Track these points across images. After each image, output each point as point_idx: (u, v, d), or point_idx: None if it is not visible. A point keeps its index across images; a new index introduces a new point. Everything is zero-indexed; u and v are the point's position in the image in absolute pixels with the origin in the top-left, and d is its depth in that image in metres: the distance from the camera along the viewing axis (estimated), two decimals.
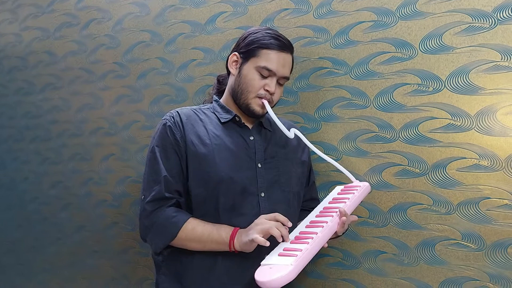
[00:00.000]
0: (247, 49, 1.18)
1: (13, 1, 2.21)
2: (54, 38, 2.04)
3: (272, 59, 1.15)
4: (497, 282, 1.15)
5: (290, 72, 1.22)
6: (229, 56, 1.22)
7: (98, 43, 1.90)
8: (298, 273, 0.95)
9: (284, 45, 1.17)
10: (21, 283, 2.27)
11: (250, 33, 1.20)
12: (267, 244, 1.00)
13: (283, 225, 1.04)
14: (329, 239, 1.09)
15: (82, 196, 1.97)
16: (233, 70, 1.21)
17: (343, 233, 1.16)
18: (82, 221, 1.98)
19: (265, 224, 1.03)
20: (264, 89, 1.16)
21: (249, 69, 1.17)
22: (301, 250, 0.98)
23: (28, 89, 2.15)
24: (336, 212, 1.10)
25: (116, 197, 1.86)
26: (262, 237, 1.01)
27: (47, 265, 2.15)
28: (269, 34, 1.17)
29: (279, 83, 1.19)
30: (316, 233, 1.04)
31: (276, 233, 1.01)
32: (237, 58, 1.20)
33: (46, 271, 2.15)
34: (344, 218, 1.08)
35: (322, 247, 1.05)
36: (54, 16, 2.04)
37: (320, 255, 1.39)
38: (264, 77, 1.16)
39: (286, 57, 1.17)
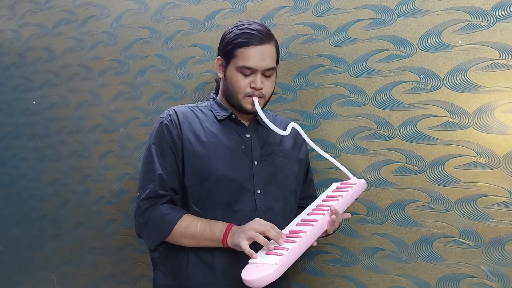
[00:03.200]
0: (225, 52, 1.18)
1: None
2: (52, 35, 2.03)
3: (248, 56, 1.14)
4: (494, 279, 1.16)
5: (277, 61, 1.20)
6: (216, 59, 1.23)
7: (96, 40, 1.89)
8: (283, 272, 0.95)
9: (258, 38, 1.14)
10: (19, 280, 2.26)
11: (225, 35, 1.20)
12: (254, 255, 1.00)
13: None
14: (320, 237, 1.09)
15: (81, 193, 1.97)
16: (220, 74, 1.22)
17: (334, 232, 1.16)
18: (81, 218, 1.98)
19: (252, 231, 1.03)
20: (251, 87, 1.16)
21: (232, 71, 1.17)
22: (287, 249, 0.98)
23: (27, 86, 2.15)
24: (328, 210, 1.10)
25: (114, 194, 1.86)
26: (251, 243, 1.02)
27: (45, 262, 2.15)
28: (242, 31, 1.15)
29: (266, 76, 1.17)
30: (305, 232, 1.04)
31: (262, 241, 1.02)
32: (221, 61, 1.21)
33: (45, 268, 2.15)
34: (334, 216, 1.08)
35: (311, 245, 1.05)
36: (52, 12, 2.03)
37: (318, 252, 1.40)
38: (247, 75, 1.15)
39: (264, 48, 1.15)
